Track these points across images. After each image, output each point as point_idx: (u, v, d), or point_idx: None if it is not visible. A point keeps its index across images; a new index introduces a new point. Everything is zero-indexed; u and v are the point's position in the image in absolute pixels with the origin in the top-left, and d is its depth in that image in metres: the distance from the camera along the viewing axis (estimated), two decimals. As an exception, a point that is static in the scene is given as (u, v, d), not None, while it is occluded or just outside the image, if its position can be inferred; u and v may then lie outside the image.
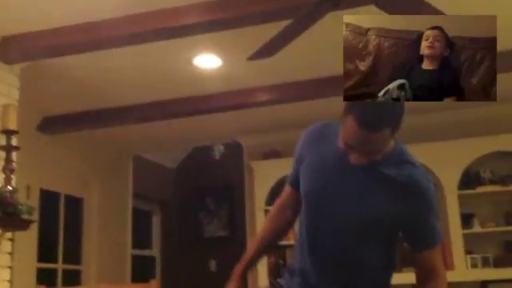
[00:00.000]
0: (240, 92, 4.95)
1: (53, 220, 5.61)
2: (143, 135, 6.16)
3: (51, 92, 4.78)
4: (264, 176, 5.82)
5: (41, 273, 5.26)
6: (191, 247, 7.66)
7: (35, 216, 4.16)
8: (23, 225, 3.84)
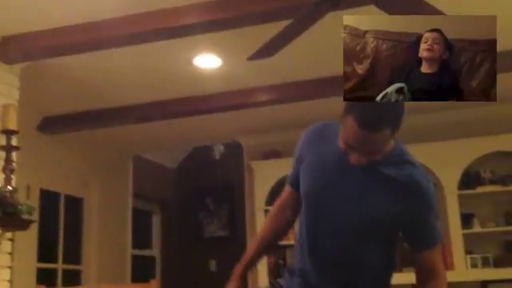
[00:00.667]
0: (240, 92, 4.95)
1: (53, 220, 5.61)
2: (143, 135, 6.15)
3: (51, 92, 4.78)
4: (264, 176, 5.81)
5: (41, 273, 5.26)
6: (191, 247, 7.65)
7: (35, 216, 4.16)
8: (23, 225, 3.84)
